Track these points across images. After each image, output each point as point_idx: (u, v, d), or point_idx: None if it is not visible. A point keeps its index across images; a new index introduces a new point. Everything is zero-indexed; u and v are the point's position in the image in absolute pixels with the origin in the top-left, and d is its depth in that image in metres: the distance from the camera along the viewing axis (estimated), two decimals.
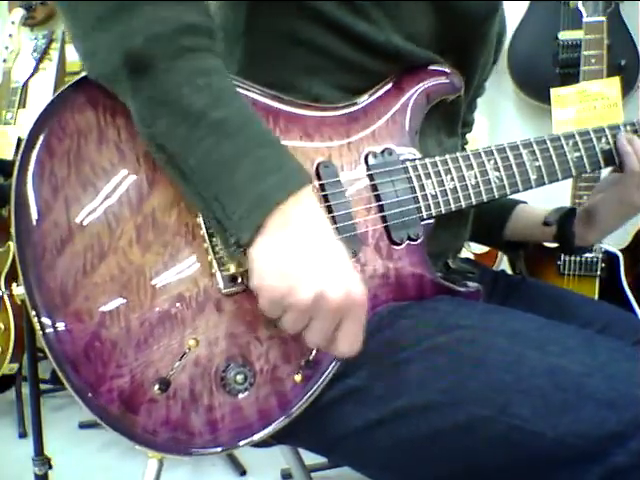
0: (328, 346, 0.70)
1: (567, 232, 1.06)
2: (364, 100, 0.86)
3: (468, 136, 1.17)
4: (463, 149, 0.93)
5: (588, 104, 1.76)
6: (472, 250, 2.06)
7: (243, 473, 1.96)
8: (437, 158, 0.86)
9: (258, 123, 0.70)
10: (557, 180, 0.94)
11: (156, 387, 0.69)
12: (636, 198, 0.97)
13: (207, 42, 0.71)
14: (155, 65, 0.67)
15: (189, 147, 0.67)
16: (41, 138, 0.71)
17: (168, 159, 0.69)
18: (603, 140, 0.97)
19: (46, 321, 0.67)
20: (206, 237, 0.73)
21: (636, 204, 0.98)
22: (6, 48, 2.51)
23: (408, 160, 0.85)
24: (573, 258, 1.86)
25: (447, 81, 0.90)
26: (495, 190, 0.90)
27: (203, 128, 0.67)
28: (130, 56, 0.67)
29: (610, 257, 1.86)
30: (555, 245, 1.10)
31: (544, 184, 0.93)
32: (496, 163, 0.90)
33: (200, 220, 0.74)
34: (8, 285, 2.22)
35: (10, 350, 2.18)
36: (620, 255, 1.86)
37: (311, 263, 0.66)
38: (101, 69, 0.70)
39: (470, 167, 0.88)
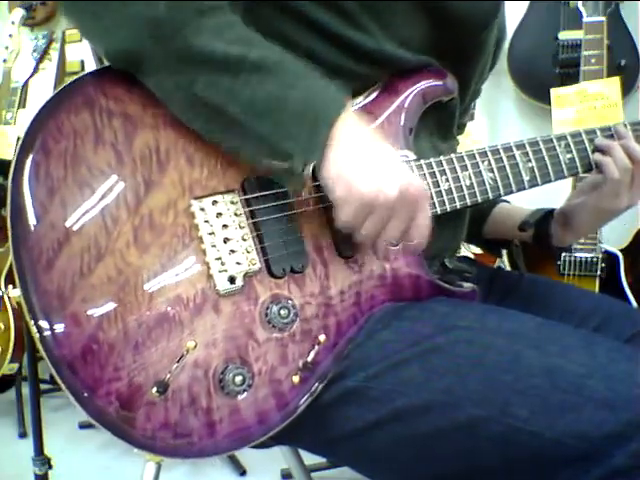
0: (403, 238, 0.77)
1: (544, 235, 1.07)
2: (359, 102, 0.87)
3: (468, 137, 1.17)
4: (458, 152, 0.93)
5: (588, 104, 1.76)
6: (472, 250, 2.06)
7: (243, 473, 1.96)
8: (432, 159, 0.87)
9: (291, 58, 0.75)
10: (550, 181, 0.94)
11: (154, 390, 0.69)
12: (613, 205, 0.97)
13: (222, 1, 0.74)
14: (182, 29, 0.70)
15: (236, 92, 0.71)
16: (37, 139, 0.71)
17: (216, 113, 0.72)
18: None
19: (43, 324, 0.67)
20: (204, 238, 0.73)
21: (614, 211, 0.98)
22: (6, 48, 2.51)
23: (403, 161, 0.85)
24: (573, 258, 1.86)
25: (441, 83, 0.90)
26: (489, 191, 0.90)
27: (244, 72, 0.71)
28: (156, 24, 0.69)
29: (610, 257, 1.86)
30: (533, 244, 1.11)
31: (537, 185, 0.93)
32: (490, 164, 0.90)
33: (197, 221, 0.74)
34: (8, 285, 2.22)
35: (10, 350, 2.17)
36: (620, 255, 1.86)
37: (385, 164, 0.73)
38: (124, 45, 0.71)
39: (464, 168, 0.88)
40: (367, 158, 0.73)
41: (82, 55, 2.58)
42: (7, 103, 2.48)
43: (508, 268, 1.96)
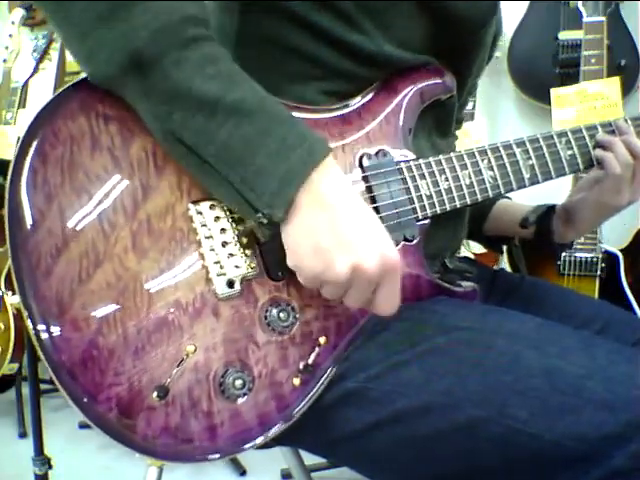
0: (368, 308, 0.73)
1: (546, 231, 1.07)
2: (357, 102, 0.86)
3: (468, 138, 1.17)
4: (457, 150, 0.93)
5: (588, 104, 1.76)
6: (472, 250, 2.06)
7: (243, 473, 1.96)
8: (431, 159, 0.86)
9: (272, 101, 0.71)
10: (551, 179, 0.94)
11: (154, 394, 0.68)
12: (615, 201, 0.97)
13: (207, 32, 0.71)
14: (163, 59, 0.67)
15: (209, 135, 0.68)
16: (34, 145, 0.70)
17: (188, 151, 0.69)
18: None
19: (42, 330, 0.67)
20: (202, 242, 0.73)
21: (615, 207, 0.98)
22: (6, 48, 2.51)
23: (402, 161, 0.85)
24: (573, 258, 1.86)
25: (440, 81, 0.90)
26: (489, 189, 0.90)
27: (220, 113, 0.67)
28: (136, 52, 0.66)
29: (610, 257, 1.86)
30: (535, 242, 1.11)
31: (538, 183, 0.93)
32: (490, 163, 0.90)
33: (195, 225, 0.74)
34: (8, 285, 2.22)
35: (10, 350, 2.18)
36: (620, 255, 1.86)
37: (344, 237, 0.68)
38: (106, 71, 0.69)
39: (464, 167, 0.88)
40: (325, 230, 0.68)
41: None
42: (7, 103, 2.48)
43: (508, 269, 1.96)
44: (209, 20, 0.73)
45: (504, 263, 2.13)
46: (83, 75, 0.73)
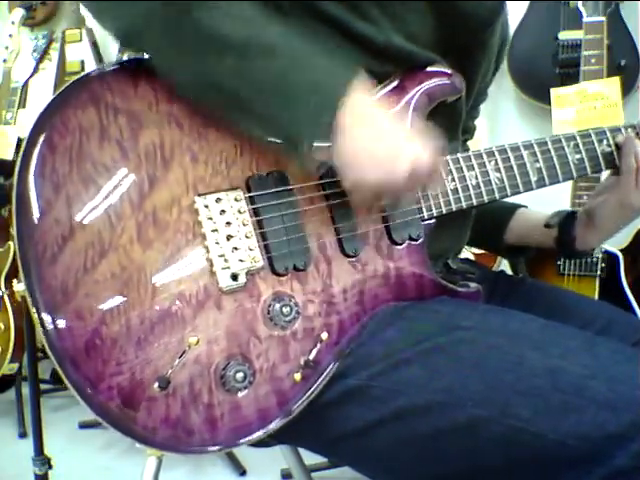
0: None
1: (568, 235, 1.06)
2: None
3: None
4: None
5: (588, 104, 1.76)
6: (472, 250, 2.06)
7: (243, 473, 1.96)
8: None
9: (297, 40, 0.74)
10: (558, 182, 0.94)
11: (156, 385, 0.69)
12: (634, 200, 0.96)
13: None
14: (190, 10, 0.70)
15: (243, 74, 0.71)
16: (43, 135, 0.71)
17: (224, 93, 0.72)
18: (604, 142, 0.97)
19: (47, 318, 0.67)
20: (207, 235, 0.73)
21: (635, 206, 0.97)
22: (6, 48, 2.51)
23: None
24: (574, 259, 1.86)
25: (448, 82, 0.89)
26: (496, 191, 0.89)
27: (252, 54, 0.71)
28: (166, 4, 0.69)
29: (610, 257, 1.86)
30: (556, 249, 1.10)
31: (545, 185, 0.93)
32: (497, 164, 0.90)
33: (201, 218, 0.74)
34: (8, 285, 2.22)
35: (10, 350, 2.17)
36: (620, 255, 1.85)
37: (393, 144, 0.74)
38: (134, 23, 0.72)
39: (471, 168, 0.88)
40: (374, 142, 0.73)
41: (82, 55, 2.58)
42: (7, 103, 2.48)
43: (508, 269, 1.96)
44: None
45: (504, 264, 2.13)
46: (87, 71, 0.74)
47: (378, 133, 0.74)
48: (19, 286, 0.68)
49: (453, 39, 0.89)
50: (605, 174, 1.05)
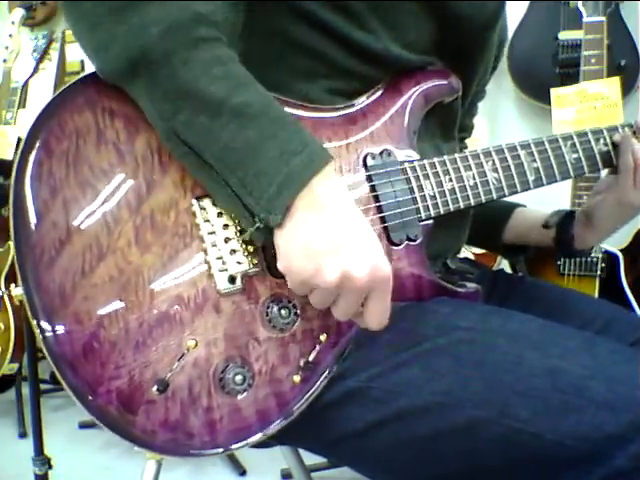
0: (356, 320, 0.72)
1: (566, 234, 1.06)
2: (362, 101, 0.86)
3: (468, 138, 1.17)
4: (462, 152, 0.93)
5: (588, 104, 1.76)
6: (472, 250, 2.06)
7: (243, 473, 1.96)
8: (435, 159, 0.86)
9: (277, 106, 0.71)
10: (555, 181, 0.94)
11: (154, 388, 0.69)
12: (633, 198, 0.97)
13: (217, 32, 0.72)
14: (172, 57, 0.67)
15: (212, 135, 0.68)
16: (40, 138, 0.71)
17: (190, 151, 0.69)
18: (601, 141, 0.97)
19: (44, 322, 0.67)
20: (205, 237, 0.73)
21: (633, 203, 0.97)
22: (6, 48, 2.51)
23: (407, 161, 0.85)
24: (573, 258, 1.86)
25: (445, 82, 0.90)
26: (493, 191, 0.89)
27: (225, 115, 0.67)
28: (146, 49, 0.67)
29: (610, 257, 1.86)
30: (555, 248, 1.10)
31: (542, 185, 0.93)
32: (494, 164, 0.89)
33: (199, 221, 0.74)
34: (8, 285, 2.22)
35: (10, 350, 2.17)
36: (620, 255, 1.85)
37: (336, 243, 0.67)
38: (114, 65, 0.69)
39: (468, 168, 0.88)
40: (318, 236, 0.67)
41: (82, 55, 2.57)
42: (7, 103, 2.48)
43: (508, 269, 1.96)
44: (219, 19, 0.73)
45: (504, 263, 2.13)
46: (84, 74, 0.74)
47: (324, 226, 0.67)
48: (17, 290, 0.68)
49: (452, 43, 0.88)
50: (605, 173, 1.05)
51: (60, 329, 0.68)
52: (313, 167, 0.68)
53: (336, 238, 0.67)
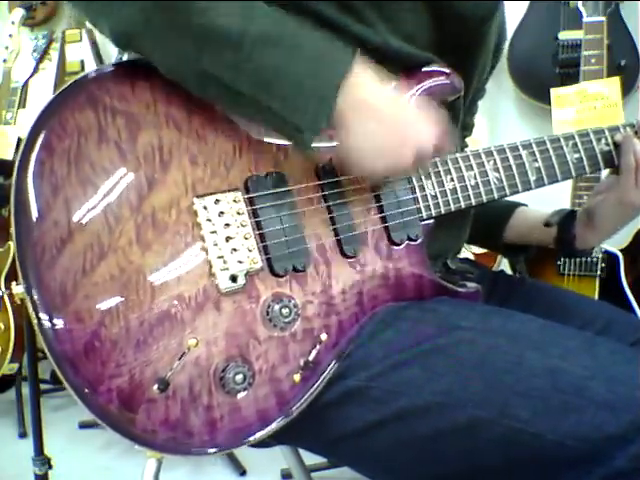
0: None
1: (568, 234, 1.06)
2: None
3: (468, 138, 1.17)
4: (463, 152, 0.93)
5: (588, 104, 1.76)
6: (472, 250, 2.06)
7: (243, 473, 1.96)
8: (437, 159, 0.86)
9: (293, 23, 0.74)
10: (557, 181, 0.94)
11: (155, 387, 0.69)
12: (634, 198, 0.96)
13: None
14: (190, 5, 0.69)
15: (240, 67, 0.71)
16: (41, 136, 0.71)
17: (223, 86, 0.72)
18: (603, 141, 0.97)
19: (45, 320, 0.67)
20: (206, 236, 0.73)
21: (634, 203, 0.97)
22: (6, 48, 2.51)
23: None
24: (573, 258, 1.86)
25: (447, 81, 0.89)
26: (495, 191, 0.89)
27: (246, 46, 0.70)
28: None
29: (610, 257, 1.86)
30: (555, 248, 1.10)
31: (544, 185, 0.93)
32: (495, 164, 0.90)
33: (200, 219, 0.74)
34: (8, 285, 2.22)
35: (10, 350, 2.17)
36: (620, 255, 1.85)
37: (396, 131, 0.76)
38: (131, 18, 0.71)
39: (470, 168, 0.88)
40: (376, 136, 0.75)
41: (82, 55, 2.57)
42: (7, 103, 2.48)
43: (508, 269, 1.96)
44: None
45: (504, 264, 2.13)
46: (85, 72, 0.74)
47: (379, 124, 0.75)
48: (18, 288, 0.68)
49: (450, 38, 0.88)
50: (606, 173, 1.05)
51: (61, 327, 0.67)
52: (344, 68, 0.72)
53: (394, 128, 0.75)
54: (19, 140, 2.34)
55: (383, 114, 0.75)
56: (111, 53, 2.68)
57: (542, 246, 1.13)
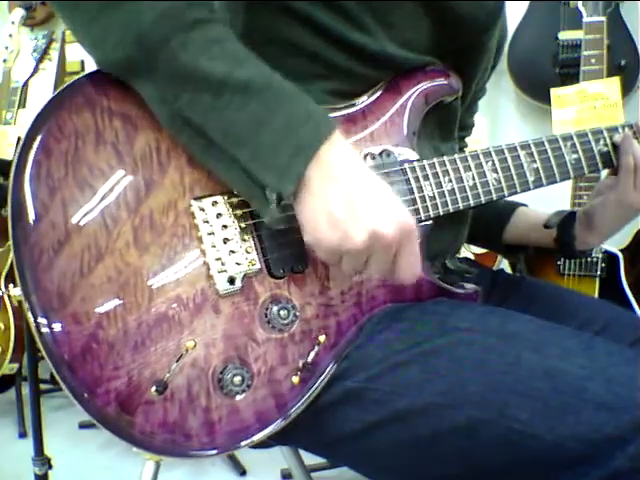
0: (390, 276, 0.73)
1: (567, 235, 1.06)
2: (362, 101, 0.86)
3: (468, 138, 1.17)
4: (462, 152, 0.93)
5: (588, 104, 1.76)
6: (472, 250, 2.06)
7: (243, 473, 1.96)
8: (435, 160, 0.86)
9: (279, 78, 0.72)
10: (555, 182, 0.94)
11: (153, 389, 0.69)
12: (633, 198, 0.96)
13: (212, 14, 0.72)
14: (169, 41, 0.68)
15: (216, 113, 0.69)
16: (38, 139, 0.71)
17: (196, 133, 0.70)
18: (601, 142, 0.97)
19: (43, 323, 0.67)
20: (203, 238, 0.73)
21: (634, 205, 0.97)
22: (6, 48, 2.51)
23: (406, 161, 0.85)
24: (573, 259, 1.86)
25: (445, 82, 0.89)
26: (493, 192, 0.89)
27: (227, 92, 0.68)
28: (143, 36, 0.68)
29: (610, 257, 1.86)
30: (555, 249, 1.10)
31: (542, 186, 0.93)
32: (494, 165, 0.89)
33: (197, 221, 0.74)
34: (8, 285, 2.22)
35: (10, 350, 2.17)
36: (620, 255, 1.85)
37: (358, 205, 0.68)
38: (113, 56, 0.70)
39: (468, 169, 0.88)
40: (338, 202, 0.68)
41: (82, 55, 2.58)
42: (7, 103, 2.48)
43: (508, 269, 1.96)
44: (213, 3, 0.74)
45: (504, 263, 2.13)
46: (83, 74, 0.74)
47: (344, 192, 0.68)
48: (15, 290, 0.68)
49: (450, 42, 0.88)
50: (605, 173, 1.05)
51: (58, 330, 0.67)
52: (321, 134, 0.69)
53: (357, 201, 0.68)
54: (19, 140, 2.34)
55: (349, 185, 0.69)
56: None
57: (541, 246, 1.13)
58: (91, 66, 0.74)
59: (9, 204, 0.69)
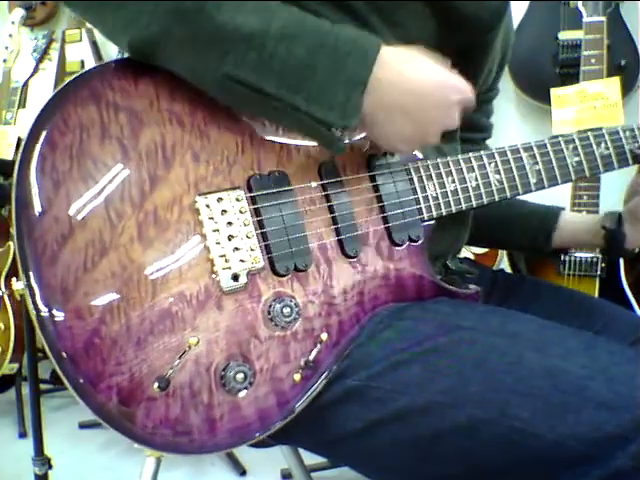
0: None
1: (619, 235, 1.07)
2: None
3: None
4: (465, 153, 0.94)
5: (588, 104, 1.76)
6: (472, 250, 2.06)
7: (243, 473, 1.96)
8: (439, 160, 0.87)
9: (312, 18, 0.73)
10: (557, 184, 0.94)
11: (155, 385, 0.69)
12: None
13: None
14: (204, 6, 0.69)
15: (265, 67, 0.70)
16: (44, 132, 0.70)
17: (249, 90, 0.71)
18: (602, 145, 0.97)
19: (46, 317, 0.67)
20: (208, 235, 0.73)
21: None
22: (6, 48, 2.51)
23: (410, 161, 0.85)
24: (573, 258, 1.86)
25: None
26: (495, 193, 0.90)
27: (270, 44, 0.69)
28: (177, 5, 0.68)
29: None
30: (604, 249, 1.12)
31: (544, 188, 0.94)
32: (497, 166, 0.90)
33: (202, 218, 0.74)
34: (8, 285, 2.22)
35: (10, 350, 2.17)
36: None
37: (421, 119, 0.77)
38: (148, 31, 0.71)
39: (471, 169, 0.88)
40: (404, 115, 0.75)
41: (82, 55, 2.58)
42: (7, 103, 2.48)
43: (508, 269, 1.96)
44: None
45: (504, 263, 2.13)
46: (88, 68, 0.74)
47: (405, 103, 0.75)
48: (18, 284, 0.68)
49: (454, 42, 0.88)
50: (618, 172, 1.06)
51: (61, 324, 0.67)
52: (368, 60, 0.72)
53: (420, 115, 0.76)
54: (19, 140, 2.34)
55: (408, 96, 0.75)
56: (111, 53, 2.69)
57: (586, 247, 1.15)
58: (91, 66, 0.74)
59: (13, 197, 0.68)
